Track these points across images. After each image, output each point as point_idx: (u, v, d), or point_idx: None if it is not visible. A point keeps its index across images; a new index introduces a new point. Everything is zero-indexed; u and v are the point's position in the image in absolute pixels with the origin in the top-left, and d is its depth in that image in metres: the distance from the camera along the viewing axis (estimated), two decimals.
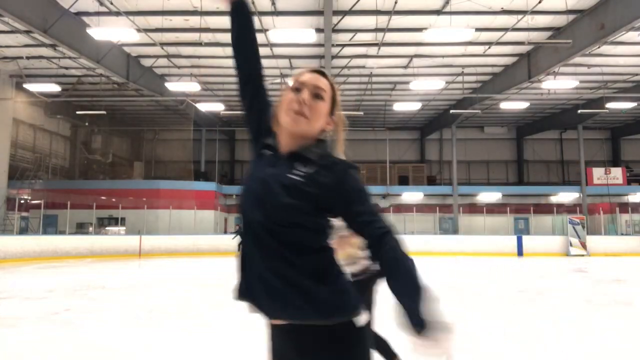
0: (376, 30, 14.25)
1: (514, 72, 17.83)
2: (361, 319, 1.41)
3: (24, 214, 22.30)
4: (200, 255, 20.03)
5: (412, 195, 27.30)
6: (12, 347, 4.77)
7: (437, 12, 13.35)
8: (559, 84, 17.13)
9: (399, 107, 20.13)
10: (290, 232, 1.37)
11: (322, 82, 1.55)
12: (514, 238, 21.53)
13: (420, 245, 21.80)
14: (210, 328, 5.86)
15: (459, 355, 4.68)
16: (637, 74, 18.90)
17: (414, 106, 20.47)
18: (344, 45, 15.45)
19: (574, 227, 21.07)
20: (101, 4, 12.82)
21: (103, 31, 12.31)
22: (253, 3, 12.42)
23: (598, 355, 4.66)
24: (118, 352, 4.65)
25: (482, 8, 13.11)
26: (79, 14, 13.63)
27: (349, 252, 2.45)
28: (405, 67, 18.07)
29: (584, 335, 5.64)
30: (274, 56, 17.00)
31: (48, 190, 22.58)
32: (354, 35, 14.91)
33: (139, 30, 12.93)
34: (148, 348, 4.84)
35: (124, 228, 22.58)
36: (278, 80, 19.45)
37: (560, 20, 14.04)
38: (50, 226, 22.09)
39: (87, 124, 25.25)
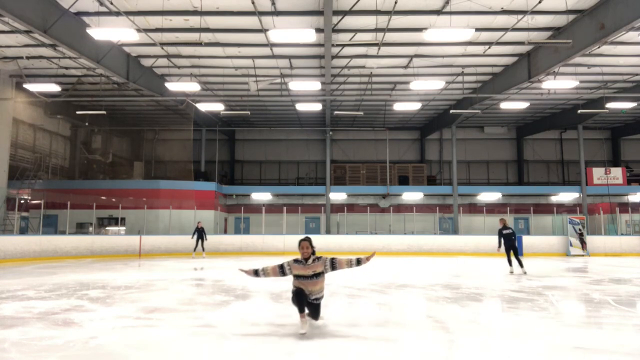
0: (376, 30, 14.25)
1: (514, 72, 17.83)
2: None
3: (24, 214, 22.31)
4: (200, 255, 20.01)
5: (412, 195, 27.30)
6: (12, 347, 4.77)
7: (437, 12, 13.35)
8: (559, 84, 17.12)
9: (399, 107, 20.11)
10: None
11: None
12: None
13: (420, 245, 21.83)
14: (210, 328, 5.86)
15: (460, 354, 4.70)
16: (637, 74, 18.90)
17: (414, 106, 20.45)
18: (344, 45, 15.45)
19: (574, 227, 21.08)
20: (101, 4, 12.82)
21: (103, 31, 12.29)
22: (253, 3, 12.43)
23: (598, 355, 4.66)
24: (118, 352, 4.65)
25: (482, 8, 13.12)
26: (79, 14, 13.63)
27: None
28: (405, 67, 18.07)
29: (584, 334, 5.64)
30: (274, 56, 17.00)
31: (48, 190, 22.58)
32: (354, 35, 14.91)
33: (139, 30, 12.91)
34: (148, 348, 4.84)
35: (124, 228, 22.59)
36: (278, 80, 19.46)
37: (560, 20, 14.04)
38: (50, 226, 22.10)
39: (87, 124, 25.24)
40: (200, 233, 18.89)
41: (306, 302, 5.39)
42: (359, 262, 5.57)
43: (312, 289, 5.43)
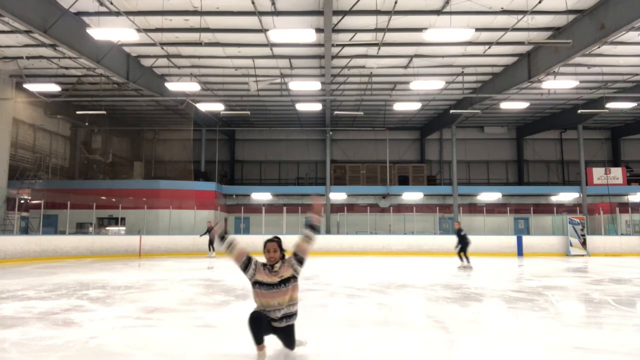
0: (376, 30, 14.25)
1: (514, 72, 17.83)
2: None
3: (24, 214, 22.29)
4: (200, 255, 20.04)
5: (412, 195, 27.30)
6: (12, 347, 4.77)
7: (437, 12, 13.34)
8: (559, 84, 17.12)
9: (399, 107, 20.11)
10: None
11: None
12: (514, 238, 21.53)
13: (420, 245, 21.83)
14: (210, 328, 5.86)
15: (460, 354, 4.70)
16: (637, 74, 18.90)
17: (414, 106, 20.45)
18: (344, 45, 15.45)
19: (574, 227, 21.07)
20: (101, 4, 12.82)
21: (103, 31, 12.29)
22: (253, 3, 12.43)
23: (598, 355, 4.66)
24: (118, 352, 4.65)
25: (482, 8, 13.12)
26: (79, 14, 13.63)
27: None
28: (405, 67, 18.07)
29: (584, 334, 5.64)
30: (274, 56, 16.99)
31: (48, 190, 22.58)
32: (354, 35, 14.90)
33: (139, 30, 12.91)
34: (148, 348, 4.84)
35: (124, 228, 22.59)
36: (278, 80, 19.45)
37: (560, 20, 14.04)
38: (50, 226, 22.09)
39: (87, 124, 25.25)
40: (211, 233, 19.33)
41: (270, 327, 4.13)
42: (311, 226, 4.33)
43: (280, 301, 4.10)
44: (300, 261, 4.23)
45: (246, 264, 4.22)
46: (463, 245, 14.82)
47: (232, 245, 4.28)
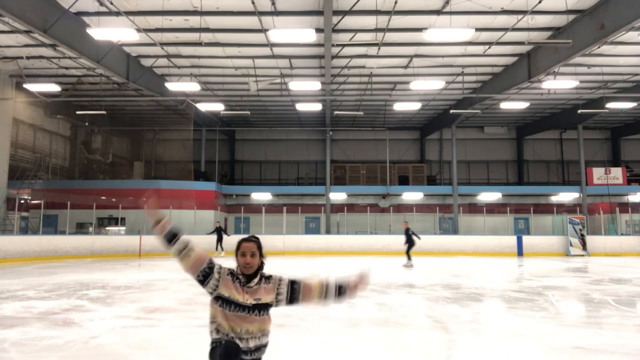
0: (376, 30, 14.24)
1: (514, 72, 17.83)
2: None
3: (24, 214, 22.30)
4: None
5: (412, 195, 27.30)
6: (12, 347, 4.76)
7: (437, 12, 13.34)
8: (559, 84, 17.12)
9: (399, 107, 20.12)
10: None
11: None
12: (514, 238, 21.53)
13: (420, 245, 21.82)
14: None
15: (460, 354, 4.71)
16: (637, 74, 18.89)
17: (414, 106, 20.46)
18: (344, 45, 15.45)
19: (574, 227, 21.08)
20: (101, 4, 12.82)
21: (103, 31, 12.30)
22: (253, 3, 12.43)
23: (598, 355, 4.66)
24: (118, 352, 4.65)
25: (482, 8, 13.12)
26: (79, 14, 13.63)
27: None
28: (405, 67, 18.07)
29: (584, 334, 5.64)
30: (274, 56, 16.99)
31: (48, 190, 22.58)
32: (354, 35, 14.90)
33: (139, 30, 12.92)
34: (148, 348, 4.84)
35: (124, 228, 22.59)
36: (278, 80, 19.45)
37: (560, 20, 14.04)
38: (50, 226, 22.10)
39: (87, 124, 25.24)
40: (219, 233, 19.64)
41: None
42: (340, 291, 2.83)
43: (249, 329, 2.78)
44: (293, 301, 2.84)
45: (206, 274, 2.97)
46: (410, 244, 15.81)
47: (187, 249, 2.94)
